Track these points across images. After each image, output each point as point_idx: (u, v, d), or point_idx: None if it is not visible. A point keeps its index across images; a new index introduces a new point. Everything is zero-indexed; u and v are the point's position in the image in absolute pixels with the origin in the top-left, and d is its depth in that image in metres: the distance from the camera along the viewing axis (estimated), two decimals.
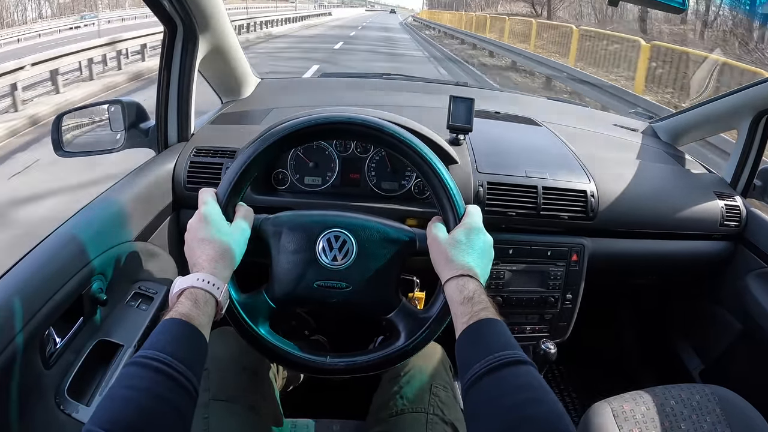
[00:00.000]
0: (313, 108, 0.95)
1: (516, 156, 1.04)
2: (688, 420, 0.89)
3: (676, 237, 1.09)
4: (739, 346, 1.16)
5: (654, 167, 1.18)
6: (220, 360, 0.76)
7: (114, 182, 0.88)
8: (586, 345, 1.33)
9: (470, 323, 0.54)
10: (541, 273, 0.99)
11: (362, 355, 0.68)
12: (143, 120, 1.02)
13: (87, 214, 0.78)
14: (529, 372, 0.49)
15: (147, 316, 0.77)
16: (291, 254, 0.67)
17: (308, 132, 0.68)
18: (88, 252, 0.71)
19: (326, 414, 0.88)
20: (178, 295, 0.55)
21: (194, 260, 0.59)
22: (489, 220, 0.89)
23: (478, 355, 0.50)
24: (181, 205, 0.98)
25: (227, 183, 0.65)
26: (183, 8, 0.89)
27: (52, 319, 0.64)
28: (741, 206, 1.12)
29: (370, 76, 1.69)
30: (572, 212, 0.98)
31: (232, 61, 1.17)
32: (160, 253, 0.89)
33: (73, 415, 0.64)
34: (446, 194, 0.66)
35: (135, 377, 0.46)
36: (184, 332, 0.51)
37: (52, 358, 0.64)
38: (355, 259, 0.67)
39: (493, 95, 1.67)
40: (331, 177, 1.00)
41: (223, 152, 0.97)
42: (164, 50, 0.96)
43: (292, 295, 0.68)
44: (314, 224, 0.69)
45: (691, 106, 1.34)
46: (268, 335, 0.67)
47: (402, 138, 0.67)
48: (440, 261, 0.62)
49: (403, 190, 1.00)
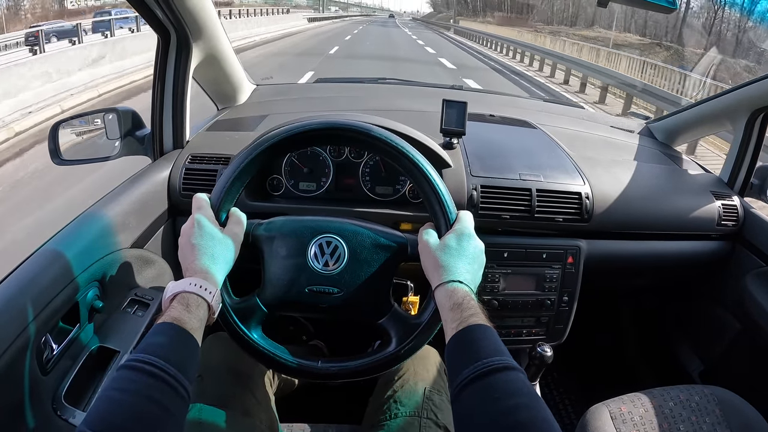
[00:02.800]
0: (307, 114, 0.95)
1: (510, 159, 1.04)
2: (688, 421, 0.88)
3: (673, 237, 1.08)
4: (739, 346, 1.15)
5: (650, 168, 1.17)
6: (214, 365, 0.76)
7: (110, 190, 0.89)
8: (584, 347, 1.33)
9: (459, 329, 0.54)
10: (536, 276, 0.99)
11: (354, 360, 0.68)
12: (139, 128, 1.03)
13: (83, 221, 0.78)
14: (518, 378, 0.49)
15: (143, 323, 0.77)
16: (283, 259, 0.68)
17: (300, 138, 0.68)
18: (84, 259, 0.72)
19: (321, 419, 0.88)
20: (171, 299, 0.56)
21: (187, 265, 0.60)
22: (483, 223, 0.89)
23: (467, 361, 0.50)
24: (176, 212, 0.98)
25: (220, 189, 0.66)
26: (175, 17, 0.89)
27: (49, 326, 0.65)
28: (738, 205, 1.12)
29: (366, 81, 1.69)
30: (567, 214, 0.98)
31: (226, 68, 1.18)
32: (156, 260, 0.90)
33: (70, 421, 0.65)
34: (437, 200, 0.67)
35: (126, 380, 0.46)
36: (175, 336, 0.51)
37: (49, 364, 0.65)
38: (347, 264, 0.67)
39: (487, 98, 1.67)
40: (325, 182, 1.00)
41: (218, 159, 0.98)
42: (158, 58, 0.97)
43: (284, 300, 0.68)
44: (306, 230, 0.69)
45: (687, 106, 1.34)
46: (260, 339, 0.68)
47: (392, 143, 0.67)
48: (430, 267, 0.63)
49: (397, 195, 1.00)
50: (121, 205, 0.84)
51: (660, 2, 0.83)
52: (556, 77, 11.19)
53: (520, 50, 15.02)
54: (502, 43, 17.99)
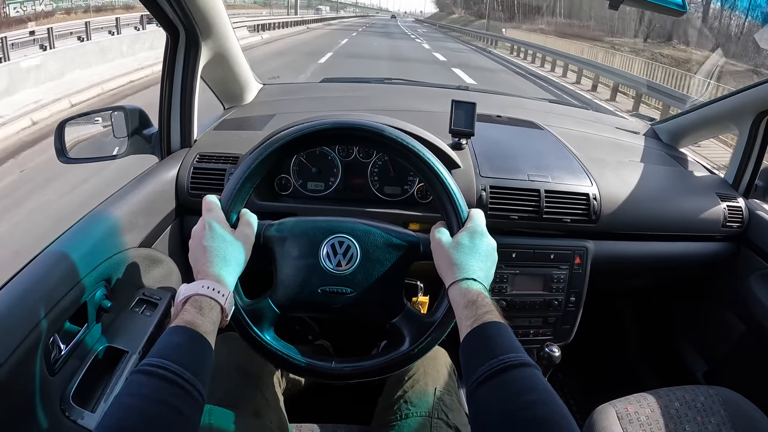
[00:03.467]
0: (314, 113, 0.95)
1: (518, 159, 1.04)
2: (693, 422, 0.89)
3: (678, 239, 1.09)
4: (743, 347, 1.15)
5: (656, 169, 1.18)
6: (225, 366, 0.76)
7: (118, 189, 0.88)
8: (590, 347, 1.33)
9: (474, 326, 0.54)
10: (544, 276, 0.99)
11: (367, 360, 0.68)
12: (146, 126, 1.02)
13: (90, 221, 0.78)
14: (533, 375, 0.49)
15: (151, 323, 0.77)
16: (295, 260, 0.68)
17: (310, 138, 0.68)
18: (92, 259, 0.71)
19: (331, 419, 0.88)
20: (183, 302, 0.55)
21: (198, 267, 0.60)
22: (492, 223, 0.89)
23: (483, 358, 0.50)
24: (184, 211, 0.98)
25: (230, 190, 0.66)
26: (185, 15, 0.89)
27: (57, 326, 0.64)
28: (743, 207, 1.12)
29: (372, 81, 1.69)
30: (575, 215, 0.98)
31: (234, 67, 1.17)
32: (164, 259, 0.89)
33: (78, 422, 0.64)
34: (449, 198, 0.67)
35: (140, 385, 0.46)
36: (189, 339, 0.51)
37: (57, 364, 0.64)
38: (359, 264, 0.67)
39: (495, 99, 1.67)
40: (334, 182, 1.00)
41: (226, 158, 0.98)
42: (167, 57, 0.97)
43: (297, 301, 0.68)
44: (318, 230, 0.69)
45: (692, 108, 1.34)
46: (273, 341, 0.68)
47: (404, 143, 0.67)
48: (444, 265, 0.63)
49: (405, 195, 1.00)
50: (129, 204, 0.84)
51: (669, 5, 0.83)
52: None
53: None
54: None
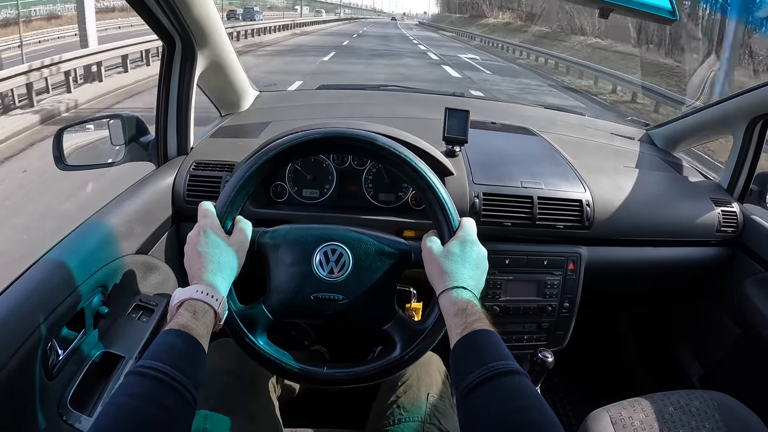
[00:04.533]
0: (310, 121, 0.96)
1: (511, 166, 1.04)
2: (687, 426, 0.89)
3: (673, 244, 1.09)
4: (738, 351, 1.15)
5: (650, 174, 1.18)
6: (219, 371, 0.77)
7: (114, 196, 0.89)
8: (585, 352, 1.33)
9: (464, 334, 0.55)
10: (537, 282, 1.00)
11: (359, 366, 0.69)
12: (143, 134, 1.04)
13: (88, 228, 0.79)
14: (523, 382, 0.49)
15: (148, 328, 0.78)
16: (288, 267, 0.68)
17: (303, 147, 0.69)
18: (89, 265, 0.72)
19: (325, 423, 0.88)
20: (178, 306, 0.56)
21: (193, 272, 0.61)
22: (485, 230, 0.90)
23: (472, 365, 0.51)
24: (181, 218, 0.99)
25: (225, 197, 0.67)
26: (181, 25, 0.90)
27: (55, 332, 0.65)
28: (738, 212, 1.13)
29: (368, 88, 1.70)
30: (568, 221, 0.99)
31: (230, 75, 1.18)
32: (160, 266, 0.90)
33: (75, 426, 0.65)
34: (440, 207, 0.67)
35: (133, 386, 0.47)
36: (182, 343, 0.52)
37: (54, 369, 0.65)
38: (352, 271, 0.68)
39: (489, 105, 1.68)
40: (328, 189, 1.01)
41: (222, 166, 0.99)
42: (163, 65, 0.98)
43: (290, 307, 0.68)
44: (311, 238, 0.70)
45: (687, 113, 1.35)
46: (266, 346, 0.68)
47: (396, 152, 0.68)
48: (434, 273, 0.63)
49: (400, 202, 1.01)
50: (126, 211, 0.85)
51: (660, 13, 0.84)
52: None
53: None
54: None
